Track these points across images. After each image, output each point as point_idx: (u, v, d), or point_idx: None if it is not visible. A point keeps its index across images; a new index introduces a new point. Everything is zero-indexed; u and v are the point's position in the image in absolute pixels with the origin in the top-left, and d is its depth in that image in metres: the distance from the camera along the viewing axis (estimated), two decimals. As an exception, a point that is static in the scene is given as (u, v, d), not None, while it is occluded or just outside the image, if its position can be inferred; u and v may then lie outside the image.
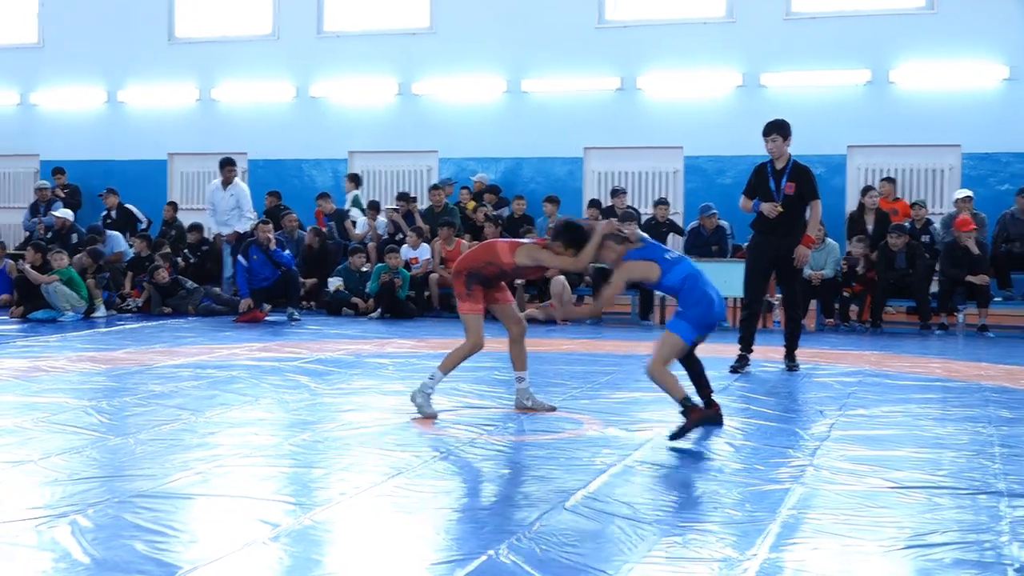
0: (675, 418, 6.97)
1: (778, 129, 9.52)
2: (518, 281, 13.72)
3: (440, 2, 18.16)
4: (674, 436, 6.47)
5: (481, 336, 7.17)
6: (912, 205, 14.52)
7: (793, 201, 9.48)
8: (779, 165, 9.56)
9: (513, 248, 7.13)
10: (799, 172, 9.51)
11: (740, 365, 9.55)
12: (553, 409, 7.44)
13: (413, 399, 7.23)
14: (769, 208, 9.47)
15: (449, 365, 7.27)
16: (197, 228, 16.38)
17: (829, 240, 13.43)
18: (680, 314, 6.71)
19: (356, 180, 17.83)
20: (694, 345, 6.91)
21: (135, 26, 19.73)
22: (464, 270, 7.20)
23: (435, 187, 16.34)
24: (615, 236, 6.92)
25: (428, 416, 7.10)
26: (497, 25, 17.85)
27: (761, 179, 9.65)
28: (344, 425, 6.89)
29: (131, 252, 15.78)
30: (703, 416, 6.59)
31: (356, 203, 17.30)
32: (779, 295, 10.53)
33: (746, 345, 9.65)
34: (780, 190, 9.48)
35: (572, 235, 6.99)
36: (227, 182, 15.26)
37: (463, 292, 7.18)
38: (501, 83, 17.86)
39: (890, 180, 15.31)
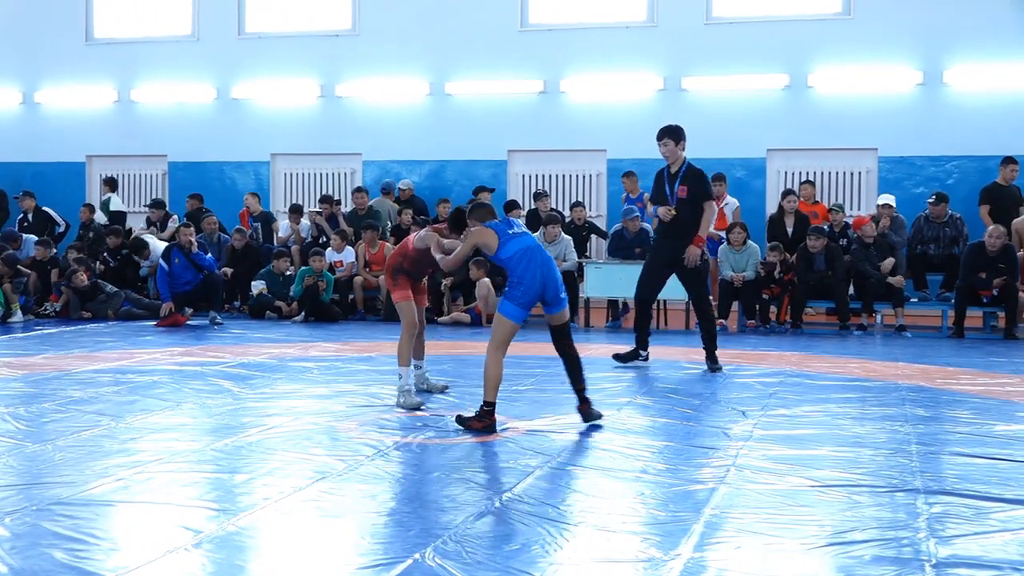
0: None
1: (669, 133, 9.65)
2: (444, 283, 13.79)
3: (363, 4, 18.07)
4: (458, 420, 6.97)
5: (414, 316, 7.87)
6: (830, 209, 14.69)
7: (686, 204, 9.60)
8: (673, 169, 9.70)
9: (415, 236, 8.02)
10: (692, 175, 9.63)
11: (628, 357, 9.79)
12: (446, 388, 8.34)
13: (398, 405, 7.64)
14: (664, 212, 9.63)
15: (404, 356, 7.81)
16: (116, 232, 16.13)
17: (750, 242, 13.57)
18: (507, 295, 7.00)
19: (112, 184, 17.82)
20: (562, 330, 7.17)
21: (52, 26, 19.38)
22: (390, 267, 8.07)
23: (359, 190, 16.27)
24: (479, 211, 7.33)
25: (414, 407, 7.57)
26: (420, 27, 17.81)
27: (659, 184, 9.79)
28: (267, 429, 6.84)
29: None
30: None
31: (104, 208, 17.36)
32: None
33: (641, 342, 9.82)
34: (674, 194, 9.61)
35: (455, 219, 7.62)
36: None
37: (391, 283, 7.98)
38: (424, 86, 17.82)
39: (810, 183, 15.52)
